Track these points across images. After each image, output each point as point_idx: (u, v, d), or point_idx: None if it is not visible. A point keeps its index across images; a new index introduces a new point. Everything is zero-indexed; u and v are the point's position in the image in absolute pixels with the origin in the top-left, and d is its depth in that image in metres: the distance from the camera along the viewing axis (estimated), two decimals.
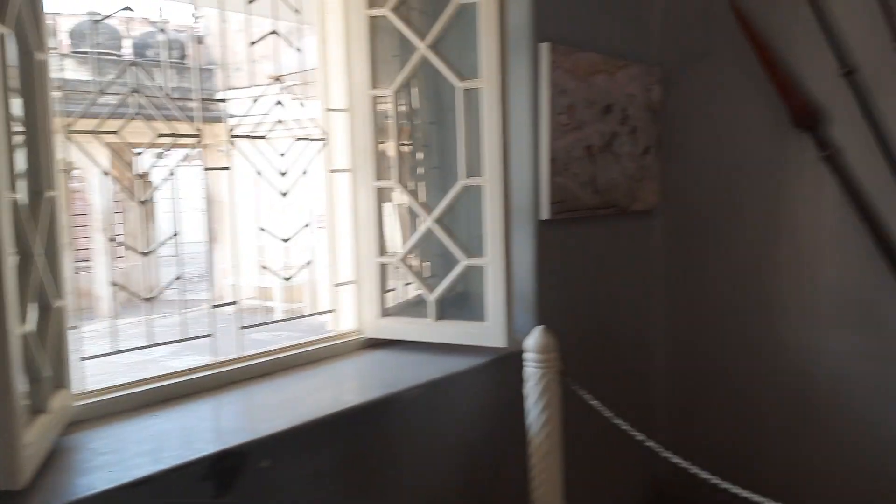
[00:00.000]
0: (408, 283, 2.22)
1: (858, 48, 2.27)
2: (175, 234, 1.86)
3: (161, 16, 2.00)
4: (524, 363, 1.85)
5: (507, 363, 1.96)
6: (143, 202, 1.69)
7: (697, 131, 2.61)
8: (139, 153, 1.77)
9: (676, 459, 1.63)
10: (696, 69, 2.58)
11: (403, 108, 2.19)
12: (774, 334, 2.50)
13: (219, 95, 2.01)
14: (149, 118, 1.65)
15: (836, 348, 2.38)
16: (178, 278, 1.79)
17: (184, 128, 1.74)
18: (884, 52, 2.21)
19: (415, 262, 2.21)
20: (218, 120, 1.89)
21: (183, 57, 8.63)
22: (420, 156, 2.26)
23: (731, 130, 2.54)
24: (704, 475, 1.59)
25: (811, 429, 2.46)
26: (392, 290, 2.20)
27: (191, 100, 1.82)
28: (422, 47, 1.98)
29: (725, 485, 1.53)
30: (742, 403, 2.59)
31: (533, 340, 1.83)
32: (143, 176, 1.68)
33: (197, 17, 1.99)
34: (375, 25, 2.06)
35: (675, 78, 2.62)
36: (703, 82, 2.58)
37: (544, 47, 2.09)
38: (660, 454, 1.75)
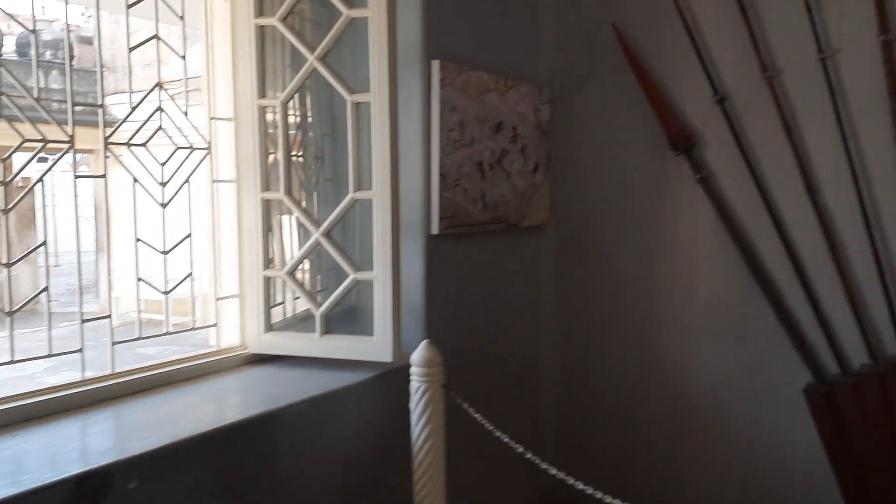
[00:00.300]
0: (296, 298, 2.19)
1: (730, 77, 2.42)
2: (43, 244, 1.76)
3: (43, 14, 1.90)
4: (410, 377, 1.86)
5: (395, 378, 1.96)
6: (5, 210, 1.58)
7: (585, 150, 2.70)
8: (5, 158, 1.67)
9: (555, 471, 1.67)
10: (584, 91, 2.68)
11: (295, 119, 2.16)
12: (654, 347, 2.62)
13: (101, 100, 1.92)
14: (13, 120, 1.56)
15: (709, 359, 2.52)
16: (45, 290, 1.69)
17: (54, 132, 1.65)
18: (753, 82, 2.36)
19: (304, 275, 2.18)
20: (97, 125, 1.81)
21: (72, 58, 8.21)
22: (313, 167, 2.24)
23: (615, 151, 2.65)
24: (585, 488, 1.63)
25: (687, 438, 2.58)
26: (280, 304, 2.15)
27: (64, 102, 1.73)
28: (312, 59, 1.97)
29: (607, 498, 1.57)
30: (625, 415, 2.69)
31: (418, 355, 1.84)
32: (4, 183, 1.58)
33: (87, 17, 1.90)
34: (265, 34, 2.03)
35: (564, 98, 2.71)
36: (590, 104, 2.68)
37: (435, 64, 2.11)
38: (542, 466, 1.79)
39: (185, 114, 1.95)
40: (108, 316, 1.84)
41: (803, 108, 2.32)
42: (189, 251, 1.98)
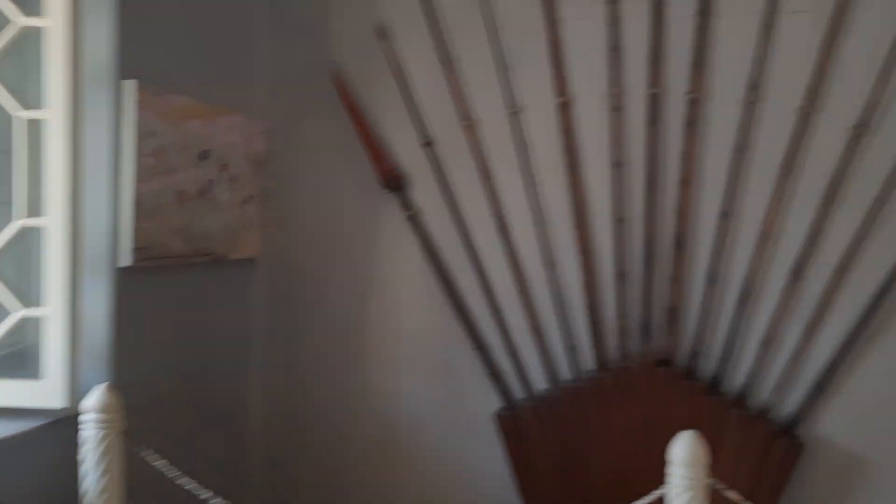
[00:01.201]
0: None
1: (437, 123, 2.58)
2: None
3: None
4: (81, 425, 1.68)
5: (69, 425, 1.76)
6: None
7: (301, 185, 2.70)
8: None
9: None
10: (302, 125, 2.69)
11: None
12: (366, 383, 2.66)
13: None
14: None
15: (414, 392, 2.62)
16: None
17: None
18: (455, 129, 2.54)
19: None
20: None
21: None
22: None
23: (331, 187, 2.68)
24: None
25: (396, 470, 2.64)
26: None
27: None
28: None
29: None
30: (337, 452, 2.69)
31: (91, 400, 1.67)
32: None
33: None
34: None
35: (281, 131, 2.69)
36: (307, 138, 2.69)
37: (129, 85, 1.97)
38: None
39: None
40: None
41: (497, 155, 2.53)
42: None
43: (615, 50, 2.40)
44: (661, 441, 1.72)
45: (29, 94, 1.77)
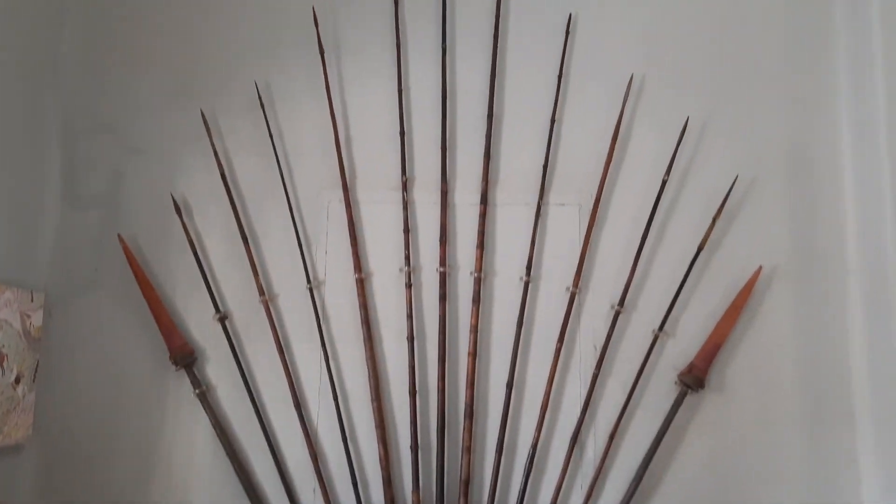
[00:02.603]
0: None
1: (232, 297, 2.57)
2: None
3: None
4: None
5: None
6: None
7: (82, 362, 2.54)
8: None
9: None
10: (86, 298, 2.57)
11: None
12: None
13: None
14: None
15: None
16: None
17: None
18: (252, 303, 2.54)
19: None
20: None
21: None
22: None
23: (115, 363, 2.55)
24: None
25: None
26: None
27: None
28: None
29: None
30: None
31: None
32: None
33: None
34: None
35: (60, 305, 2.56)
36: (91, 312, 2.57)
37: None
38: None
39: None
40: None
41: (294, 330, 2.56)
42: None
43: (408, 231, 2.57)
44: None
45: None
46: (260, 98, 2.60)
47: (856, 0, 2.57)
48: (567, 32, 2.62)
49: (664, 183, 2.50)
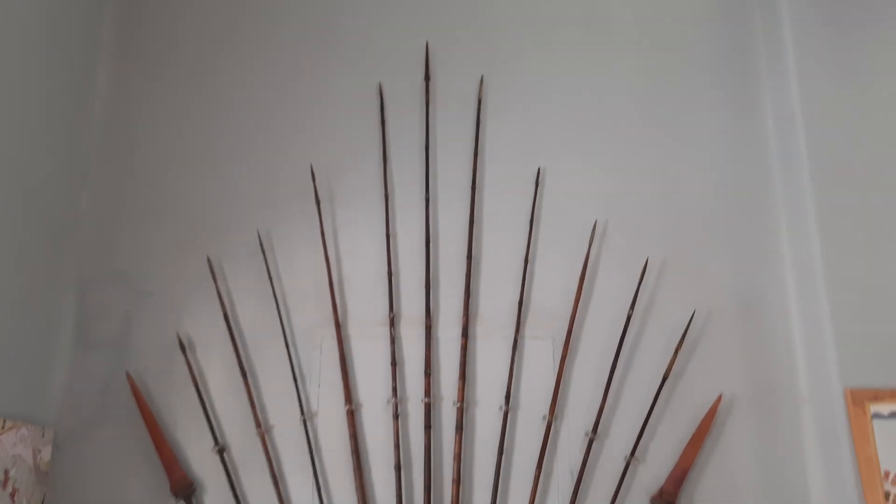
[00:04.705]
0: None
1: (231, 430, 2.74)
2: None
3: None
4: None
5: None
6: None
7: (86, 495, 2.67)
8: None
9: None
10: (94, 434, 2.73)
11: None
12: None
13: None
14: None
15: None
16: None
17: None
18: (249, 435, 2.71)
19: None
20: None
21: None
22: None
23: (118, 495, 2.67)
24: None
25: None
26: None
27: None
28: None
29: None
30: None
31: None
32: None
33: None
34: None
35: (69, 440, 2.72)
36: (98, 447, 2.72)
37: None
38: None
39: None
40: None
41: (289, 460, 2.71)
42: None
43: (394, 364, 2.78)
44: None
45: None
46: (261, 245, 2.88)
47: (788, 158, 2.94)
48: (537, 184, 2.96)
49: (629, 317, 2.75)
